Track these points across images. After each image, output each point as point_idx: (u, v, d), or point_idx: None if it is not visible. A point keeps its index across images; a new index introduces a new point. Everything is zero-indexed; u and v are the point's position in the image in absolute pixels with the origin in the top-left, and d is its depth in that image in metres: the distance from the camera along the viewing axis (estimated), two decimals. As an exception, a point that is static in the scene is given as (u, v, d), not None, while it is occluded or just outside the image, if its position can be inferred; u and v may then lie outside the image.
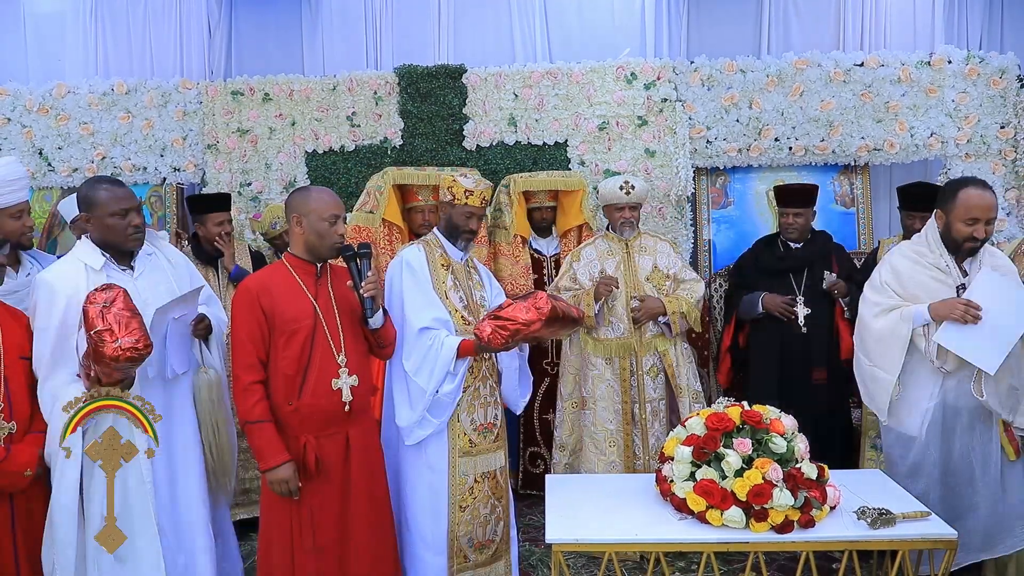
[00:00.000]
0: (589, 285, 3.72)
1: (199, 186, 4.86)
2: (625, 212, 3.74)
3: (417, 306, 2.93)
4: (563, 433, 3.87)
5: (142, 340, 2.34)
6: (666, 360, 3.69)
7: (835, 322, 3.80)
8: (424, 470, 2.95)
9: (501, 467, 3.11)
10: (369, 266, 2.65)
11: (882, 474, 2.95)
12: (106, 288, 2.42)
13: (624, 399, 3.68)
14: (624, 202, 3.72)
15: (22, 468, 2.32)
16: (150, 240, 2.79)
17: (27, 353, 2.49)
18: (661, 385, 3.72)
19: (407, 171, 4.20)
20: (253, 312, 2.55)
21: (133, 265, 2.68)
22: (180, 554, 2.65)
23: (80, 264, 2.58)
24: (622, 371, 3.68)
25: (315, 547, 2.58)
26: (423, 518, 2.95)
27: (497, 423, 3.10)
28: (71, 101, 4.81)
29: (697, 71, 4.63)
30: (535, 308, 2.74)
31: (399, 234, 4.15)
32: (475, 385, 3.01)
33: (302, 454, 2.56)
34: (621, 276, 3.71)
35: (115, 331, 2.32)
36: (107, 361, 2.32)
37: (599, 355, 3.71)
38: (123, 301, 2.40)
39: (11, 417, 2.41)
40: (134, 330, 2.34)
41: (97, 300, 2.38)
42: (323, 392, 2.58)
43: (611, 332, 3.70)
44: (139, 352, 2.33)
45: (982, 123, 4.46)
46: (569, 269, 3.83)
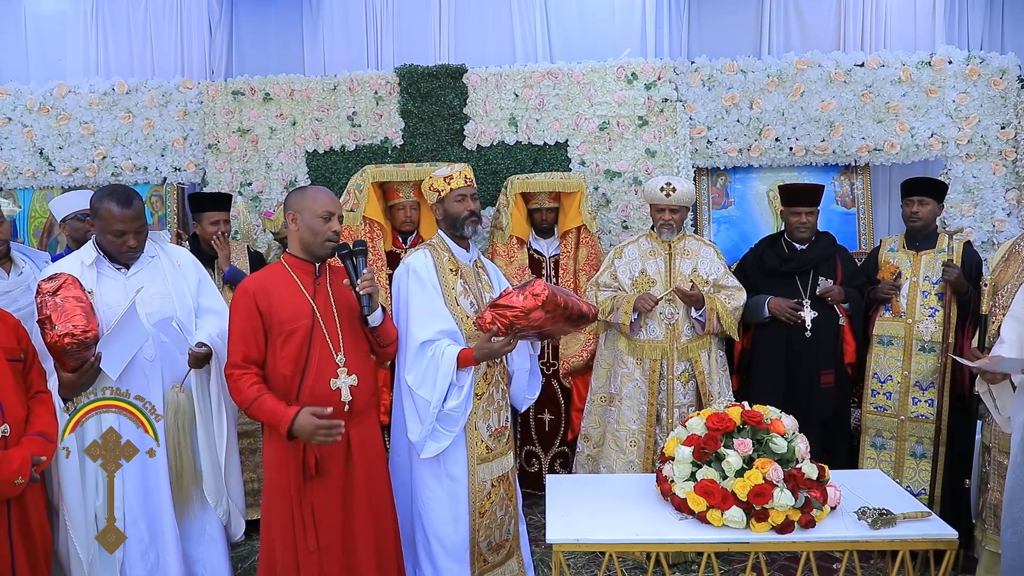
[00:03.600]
0: (628, 283, 3.69)
1: (200, 186, 4.86)
2: (665, 214, 3.67)
3: (421, 318, 2.87)
4: (590, 424, 3.88)
5: (79, 325, 2.35)
6: (697, 367, 3.66)
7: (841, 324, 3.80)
8: (444, 479, 2.93)
9: (512, 468, 3.12)
10: (365, 263, 2.63)
11: (882, 474, 2.95)
12: (52, 278, 2.45)
13: (650, 400, 3.66)
14: (664, 204, 3.65)
15: (13, 476, 2.27)
16: (154, 241, 2.83)
17: (16, 355, 2.46)
18: (692, 391, 3.69)
19: (386, 168, 4.20)
20: (249, 312, 2.56)
21: (129, 265, 2.72)
22: (152, 550, 2.73)
23: (78, 260, 2.68)
24: (652, 373, 3.65)
25: (319, 547, 2.57)
26: (443, 527, 2.93)
27: (507, 426, 3.10)
28: (72, 101, 4.81)
29: (698, 71, 4.63)
30: (532, 295, 2.68)
31: (380, 231, 4.14)
32: (489, 391, 2.99)
33: (302, 455, 2.55)
34: (661, 278, 3.69)
35: (53, 319, 2.36)
36: (50, 349, 2.36)
37: (631, 355, 3.69)
38: (69, 288, 2.41)
39: (3, 420, 2.36)
40: (73, 316, 2.36)
41: (44, 290, 2.41)
42: (322, 392, 2.57)
43: (645, 333, 3.67)
44: (76, 338, 2.34)
45: (982, 123, 4.45)
46: (611, 265, 3.79)
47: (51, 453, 2.44)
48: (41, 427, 2.44)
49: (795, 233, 3.84)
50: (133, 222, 2.66)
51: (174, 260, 2.86)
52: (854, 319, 3.79)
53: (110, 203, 2.63)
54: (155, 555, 2.73)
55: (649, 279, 3.69)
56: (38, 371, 2.54)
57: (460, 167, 3.06)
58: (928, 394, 3.67)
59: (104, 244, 2.70)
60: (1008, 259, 3.42)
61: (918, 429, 3.70)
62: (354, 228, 4.03)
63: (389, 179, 4.15)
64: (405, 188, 4.16)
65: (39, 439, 2.42)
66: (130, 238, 2.66)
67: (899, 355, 3.72)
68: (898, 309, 3.72)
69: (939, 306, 3.65)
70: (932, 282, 3.69)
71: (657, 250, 3.76)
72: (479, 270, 3.13)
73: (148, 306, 2.69)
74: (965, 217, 4.46)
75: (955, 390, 3.61)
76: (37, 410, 2.47)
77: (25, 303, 2.91)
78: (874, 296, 3.79)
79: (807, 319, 3.71)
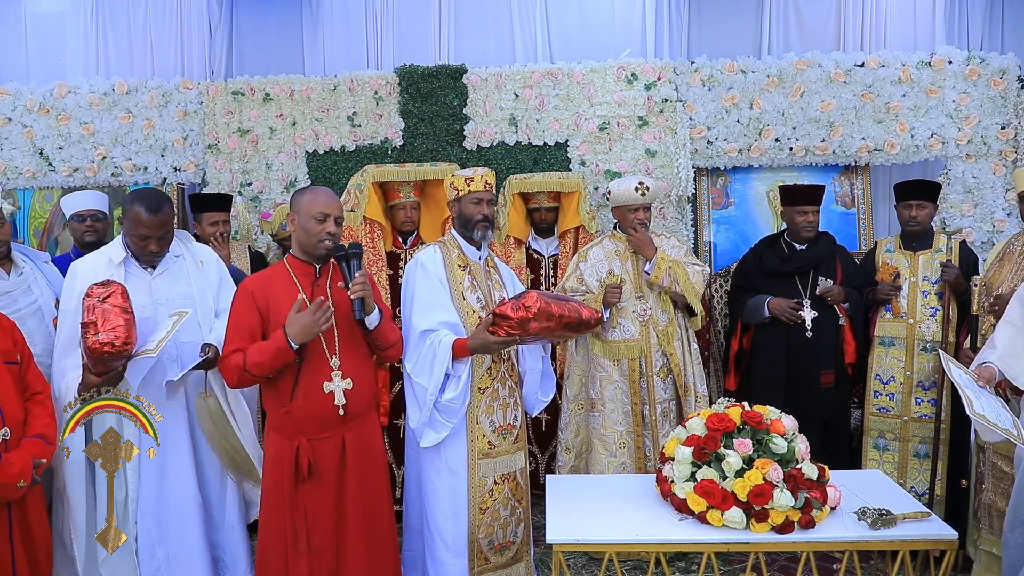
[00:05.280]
0: (596, 285, 3.68)
1: (200, 186, 4.86)
2: (640, 213, 3.68)
3: (423, 308, 2.91)
4: (568, 435, 3.80)
5: (120, 337, 2.43)
6: (672, 360, 3.67)
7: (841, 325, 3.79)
8: (444, 472, 2.94)
9: (521, 468, 3.10)
10: (359, 266, 2.59)
11: (882, 474, 2.95)
12: (105, 284, 2.51)
13: (634, 400, 3.65)
14: (640, 203, 3.67)
15: (15, 479, 2.28)
16: (179, 240, 2.92)
17: (13, 357, 2.47)
18: (671, 386, 3.70)
19: (387, 168, 4.19)
20: (248, 309, 2.57)
21: (155, 264, 2.81)
22: (160, 547, 2.74)
23: (106, 256, 2.78)
24: (631, 372, 3.65)
25: (309, 549, 2.57)
26: (443, 520, 2.94)
27: (516, 424, 3.08)
28: (72, 101, 4.81)
29: (698, 71, 4.63)
30: (524, 307, 2.73)
31: (381, 232, 4.14)
32: (493, 386, 2.99)
33: (295, 456, 2.55)
34: (629, 277, 3.69)
35: (98, 325, 2.42)
36: (87, 351, 2.42)
37: (607, 357, 3.67)
38: (117, 298, 2.47)
39: (3, 423, 2.37)
40: (116, 327, 2.43)
41: (94, 294, 2.49)
42: (314, 395, 2.57)
43: (619, 334, 3.67)
44: (115, 348, 2.42)
45: (982, 124, 4.45)
46: (576, 270, 3.78)
47: (51, 455, 2.46)
48: (40, 429, 2.44)
49: (800, 232, 3.84)
50: (158, 228, 2.73)
51: (198, 259, 2.93)
52: (854, 319, 3.79)
53: (140, 207, 2.69)
54: (164, 553, 2.76)
55: (617, 279, 3.68)
56: (34, 373, 2.55)
57: (483, 172, 3.09)
58: (931, 394, 3.67)
59: (129, 243, 2.77)
60: (1002, 259, 3.42)
61: (921, 429, 3.69)
62: (354, 228, 4.03)
63: (390, 179, 4.15)
64: (406, 188, 4.16)
65: (39, 441, 2.42)
66: (152, 243, 2.74)
67: (901, 356, 3.72)
68: (899, 310, 3.72)
69: (939, 306, 3.65)
70: (931, 282, 3.69)
71: (623, 250, 3.74)
72: (490, 269, 3.15)
73: (171, 307, 2.76)
74: (965, 217, 4.46)
75: (955, 390, 3.60)
76: (35, 411, 2.47)
77: (25, 303, 2.92)
78: (874, 297, 3.79)
79: (807, 319, 3.71)
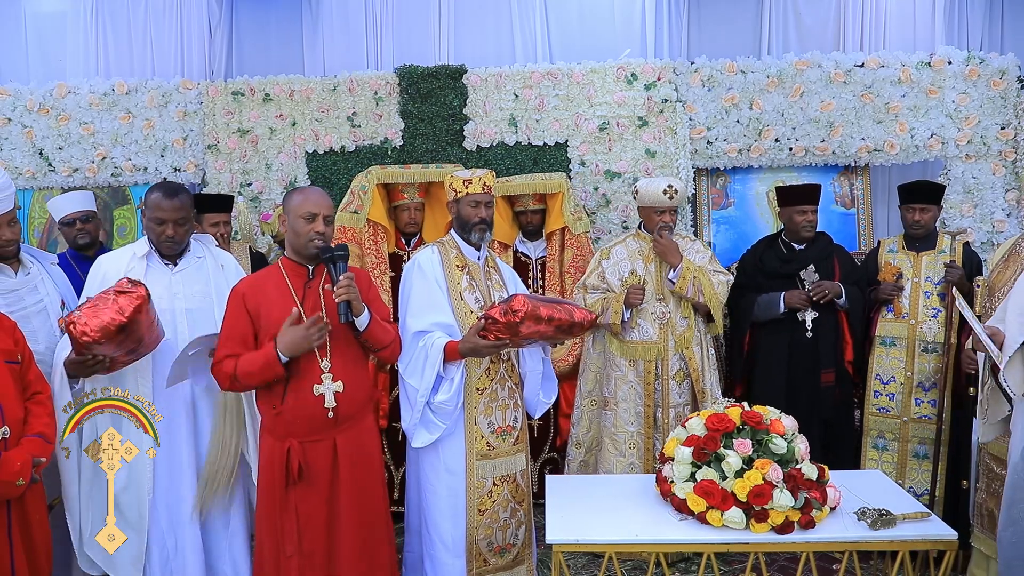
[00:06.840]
0: (618, 284, 3.67)
1: (199, 186, 4.85)
2: (666, 216, 3.66)
3: (418, 309, 2.90)
4: (580, 430, 3.82)
5: (91, 333, 2.45)
6: (691, 365, 3.66)
7: (841, 324, 3.79)
8: (442, 472, 2.94)
9: (521, 470, 3.08)
10: (345, 268, 2.55)
11: (882, 475, 2.95)
12: (134, 283, 2.57)
13: (647, 403, 3.65)
14: (666, 206, 3.65)
15: (14, 477, 2.28)
16: (202, 243, 3.01)
17: (14, 357, 2.47)
18: (687, 390, 3.69)
19: (391, 170, 4.18)
20: (238, 312, 2.58)
21: (177, 261, 2.89)
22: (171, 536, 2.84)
23: (131, 250, 2.90)
24: (647, 374, 3.64)
25: (300, 552, 2.56)
26: (442, 520, 2.93)
27: (516, 426, 3.07)
28: (72, 101, 4.81)
29: (698, 72, 4.63)
30: (511, 311, 2.69)
31: (384, 234, 4.13)
32: (492, 387, 2.98)
33: (286, 459, 2.55)
34: (651, 279, 3.68)
35: (86, 307, 2.48)
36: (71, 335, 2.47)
37: (624, 357, 3.67)
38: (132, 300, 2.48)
39: (3, 422, 2.36)
40: (95, 319, 2.45)
41: (120, 285, 2.56)
42: (304, 398, 2.56)
43: (637, 335, 3.66)
44: (75, 330, 2.45)
45: (982, 124, 4.45)
46: (597, 267, 3.75)
47: (50, 454, 2.46)
48: (40, 428, 2.45)
49: (801, 232, 3.84)
50: (174, 212, 2.80)
51: (219, 263, 3.00)
52: (852, 316, 3.79)
53: (157, 193, 2.82)
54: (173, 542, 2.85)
55: (639, 280, 3.67)
56: (35, 372, 2.55)
57: (482, 173, 3.06)
58: (931, 395, 3.67)
59: (148, 233, 2.86)
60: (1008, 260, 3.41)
61: (921, 430, 3.69)
62: (358, 230, 4.02)
63: (395, 181, 4.14)
64: (410, 189, 4.15)
65: (38, 440, 2.42)
66: (169, 227, 2.81)
67: (902, 356, 3.71)
68: (900, 310, 3.72)
69: (941, 307, 3.65)
70: (934, 283, 3.69)
71: (647, 250, 3.73)
72: (490, 269, 3.14)
73: (188, 302, 2.86)
74: (965, 217, 4.46)
75: (956, 390, 3.61)
76: (35, 411, 2.48)
77: (31, 302, 2.94)
78: (876, 297, 3.79)
79: (807, 319, 3.71)
